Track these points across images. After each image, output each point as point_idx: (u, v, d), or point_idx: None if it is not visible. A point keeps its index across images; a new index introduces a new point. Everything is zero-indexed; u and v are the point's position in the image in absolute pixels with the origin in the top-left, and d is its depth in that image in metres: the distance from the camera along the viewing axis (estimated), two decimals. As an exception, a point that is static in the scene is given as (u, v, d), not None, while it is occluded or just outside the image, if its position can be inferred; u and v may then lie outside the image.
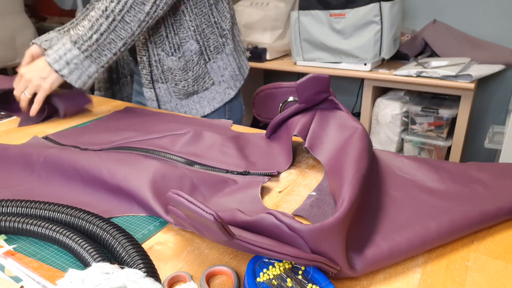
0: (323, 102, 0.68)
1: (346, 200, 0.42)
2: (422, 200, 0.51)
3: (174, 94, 0.97)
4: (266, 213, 0.40)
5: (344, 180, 0.47)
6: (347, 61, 1.83)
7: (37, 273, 0.41)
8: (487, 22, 1.89)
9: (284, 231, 0.38)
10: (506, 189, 0.52)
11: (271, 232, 0.39)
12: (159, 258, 0.44)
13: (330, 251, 0.38)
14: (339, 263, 0.38)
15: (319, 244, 0.37)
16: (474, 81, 1.58)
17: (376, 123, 1.92)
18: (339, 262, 0.38)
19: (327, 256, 0.38)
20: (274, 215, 0.39)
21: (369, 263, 0.40)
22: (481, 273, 0.41)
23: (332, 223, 0.38)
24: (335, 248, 0.38)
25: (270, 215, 0.39)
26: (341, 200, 0.43)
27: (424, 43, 1.96)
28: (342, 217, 0.40)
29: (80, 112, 0.94)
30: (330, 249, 0.38)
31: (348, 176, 0.48)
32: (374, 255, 0.40)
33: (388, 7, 1.67)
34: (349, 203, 0.42)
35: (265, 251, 0.35)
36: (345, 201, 0.42)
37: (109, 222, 0.45)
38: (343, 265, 0.38)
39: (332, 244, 0.38)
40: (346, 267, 0.38)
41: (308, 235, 0.37)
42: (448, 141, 1.80)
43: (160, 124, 0.81)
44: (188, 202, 0.35)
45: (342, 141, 0.58)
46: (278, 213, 0.39)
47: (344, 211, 0.40)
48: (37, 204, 0.48)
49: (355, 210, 0.44)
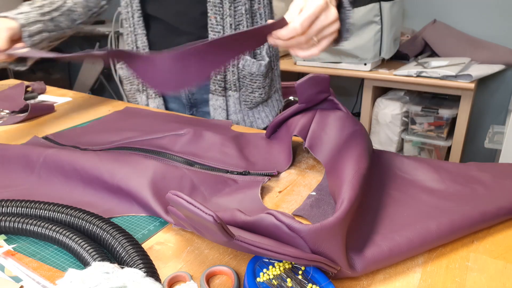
0: (323, 102, 0.68)
1: (346, 200, 0.42)
2: (422, 200, 0.51)
3: (243, 104, 0.90)
4: (265, 213, 0.40)
5: (344, 180, 0.47)
6: (347, 61, 1.83)
7: (37, 273, 0.41)
8: (487, 22, 1.90)
9: (283, 231, 0.38)
10: (506, 189, 0.52)
11: (271, 232, 0.39)
12: (159, 258, 0.44)
13: (330, 251, 0.38)
14: (339, 263, 0.38)
15: (319, 244, 0.37)
16: (474, 81, 1.58)
17: (376, 123, 1.92)
18: (339, 262, 0.38)
19: (327, 256, 0.38)
20: (274, 215, 0.39)
21: (369, 263, 0.40)
22: (481, 273, 0.41)
23: (331, 223, 0.38)
24: (335, 248, 0.38)
25: (270, 215, 0.39)
26: (341, 200, 0.43)
27: (424, 43, 1.96)
28: (342, 217, 0.40)
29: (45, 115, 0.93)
30: (330, 249, 0.38)
31: (348, 176, 0.48)
32: (374, 255, 0.40)
33: (388, 7, 1.67)
34: (348, 203, 0.42)
35: (264, 251, 0.35)
36: (344, 201, 0.42)
37: (109, 222, 0.45)
38: (343, 265, 0.38)
39: (332, 244, 0.38)
40: (346, 267, 0.38)
41: (307, 235, 0.37)
42: (448, 141, 1.80)
43: (160, 124, 0.81)
44: (187, 203, 0.35)
45: (342, 141, 0.58)
46: (278, 213, 0.39)
47: (343, 211, 0.41)
48: (37, 204, 0.48)
49: (355, 210, 0.44)
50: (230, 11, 0.82)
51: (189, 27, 0.86)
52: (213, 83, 0.87)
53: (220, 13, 0.81)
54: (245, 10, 0.83)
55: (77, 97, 1.09)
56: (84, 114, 0.93)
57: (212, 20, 0.82)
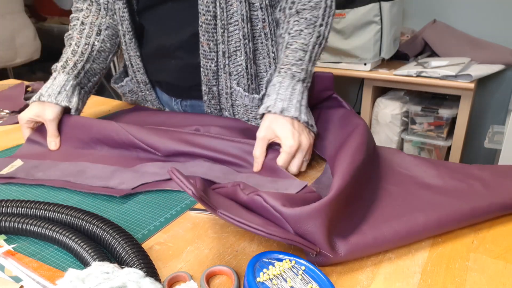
0: (327, 100, 0.69)
1: (334, 190, 0.45)
2: (417, 194, 0.52)
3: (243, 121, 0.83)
4: (256, 195, 0.45)
5: (337, 171, 0.49)
6: (347, 61, 1.83)
7: (37, 273, 0.41)
8: (487, 22, 1.89)
9: (271, 212, 0.43)
10: (503, 186, 0.52)
11: (262, 212, 0.44)
12: (159, 258, 0.44)
13: (310, 233, 0.41)
14: (320, 246, 0.40)
15: (299, 226, 0.41)
16: (474, 81, 1.58)
17: (376, 123, 1.92)
18: (319, 244, 0.41)
19: (308, 237, 0.41)
20: (263, 198, 0.44)
21: (353, 248, 0.42)
22: (481, 273, 0.41)
23: (312, 209, 0.42)
24: (316, 230, 0.41)
25: (259, 197, 0.44)
26: (330, 189, 0.46)
27: (424, 43, 1.96)
28: (325, 203, 0.42)
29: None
30: (310, 230, 0.41)
31: (342, 167, 0.50)
32: (358, 242, 0.42)
33: (388, 7, 1.67)
34: (335, 192, 0.45)
35: (244, 226, 0.39)
36: (332, 190, 0.45)
37: (109, 222, 0.45)
38: (324, 247, 0.40)
39: (313, 227, 0.41)
40: (327, 250, 0.40)
41: (289, 217, 0.42)
42: (448, 141, 1.80)
43: (181, 120, 0.81)
44: (176, 177, 0.40)
45: (343, 137, 0.59)
46: (267, 196, 0.44)
47: (328, 199, 0.43)
48: (37, 204, 0.48)
49: (344, 199, 0.46)
50: (223, 38, 0.73)
51: (179, 52, 0.79)
52: (208, 107, 0.82)
53: (213, 39, 0.73)
54: (243, 35, 0.72)
55: (77, 97, 1.08)
56: (84, 114, 0.93)
57: (204, 47, 0.74)
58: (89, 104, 1.01)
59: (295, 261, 0.40)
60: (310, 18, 0.68)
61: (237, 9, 0.71)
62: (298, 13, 0.69)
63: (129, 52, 0.83)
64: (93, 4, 0.83)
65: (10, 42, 2.41)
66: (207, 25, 0.72)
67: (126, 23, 0.79)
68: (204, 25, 0.72)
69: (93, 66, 0.82)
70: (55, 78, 0.77)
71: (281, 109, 0.62)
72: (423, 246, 0.45)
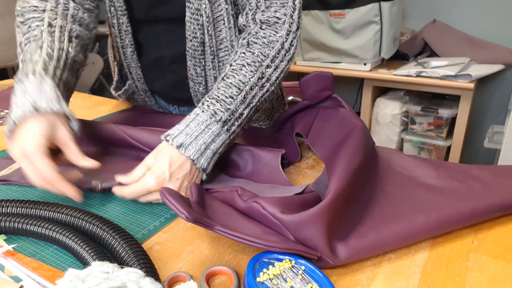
0: (326, 99, 0.69)
1: (331, 193, 0.45)
2: (416, 195, 0.52)
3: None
4: (254, 202, 0.44)
5: (334, 174, 0.49)
6: (347, 61, 1.83)
7: (37, 273, 0.41)
8: (487, 22, 1.90)
9: (269, 219, 0.43)
10: (503, 186, 0.52)
11: (260, 219, 0.44)
12: (159, 258, 0.44)
13: (310, 238, 0.41)
14: (320, 250, 0.40)
15: (299, 232, 0.41)
16: (474, 81, 1.58)
17: (376, 123, 1.92)
18: (320, 249, 0.40)
19: (308, 243, 0.41)
20: (261, 205, 0.44)
21: (353, 251, 0.41)
22: (481, 273, 0.41)
23: (311, 214, 0.41)
24: (316, 236, 0.41)
25: (257, 204, 0.44)
26: (327, 192, 0.45)
27: (424, 43, 1.96)
28: (324, 207, 0.42)
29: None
30: (310, 236, 0.41)
31: (339, 170, 0.50)
32: (358, 245, 0.42)
33: (388, 7, 1.67)
34: (333, 196, 0.44)
35: (243, 240, 0.39)
36: (329, 194, 0.45)
37: (109, 222, 0.45)
38: (324, 252, 0.40)
39: (313, 233, 0.41)
40: (328, 254, 0.40)
41: (289, 224, 0.41)
42: (447, 141, 1.80)
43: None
44: (168, 201, 0.40)
45: (341, 137, 0.59)
46: (266, 203, 0.43)
47: (326, 203, 0.43)
48: (37, 205, 0.48)
49: (342, 202, 0.46)
50: (213, 64, 0.70)
51: (174, 66, 0.77)
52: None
53: (201, 64, 0.70)
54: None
55: (77, 97, 1.09)
56: (84, 114, 0.93)
57: (191, 71, 0.71)
58: (89, 104, 1.01)
59: (295, 261, 0.40)
60: (257, 55, 0.61)
61: (226, 35, 0.68)
62: (248, 45, 0.63)
63: (130, 63, 0.81)
64: (58, 7, 0.67)
65: (10, 42, 2.41)
66: (193, 51, 0.70)
67: (129, 36, 0.76)
68: (191, 51, 0.70)
69: (69, 79, 0.65)
70: (40, 83, 0.56)
71: (180, 143, 0.54)
72: (423, 246, 0.45)
